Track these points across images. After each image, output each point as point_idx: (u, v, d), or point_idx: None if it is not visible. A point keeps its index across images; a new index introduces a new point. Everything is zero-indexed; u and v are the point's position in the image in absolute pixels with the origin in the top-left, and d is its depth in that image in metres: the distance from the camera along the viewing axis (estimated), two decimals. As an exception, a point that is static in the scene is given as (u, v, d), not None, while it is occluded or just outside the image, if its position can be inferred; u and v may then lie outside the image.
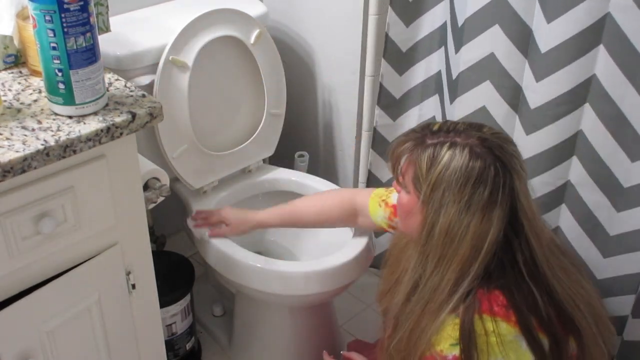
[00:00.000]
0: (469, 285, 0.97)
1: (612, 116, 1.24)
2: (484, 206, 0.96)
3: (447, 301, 0.98)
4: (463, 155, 0.97)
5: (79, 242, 1.10)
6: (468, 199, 0.95)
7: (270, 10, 1.75)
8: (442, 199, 0.97)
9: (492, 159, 0.97)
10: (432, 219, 0.99)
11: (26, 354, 1.08)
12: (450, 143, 0.98)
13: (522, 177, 0.99)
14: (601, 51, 1.20)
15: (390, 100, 1.66)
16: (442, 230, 0.97)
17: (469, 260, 0.97)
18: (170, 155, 1.53)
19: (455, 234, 0.96)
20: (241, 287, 1.51)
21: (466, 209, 0.96)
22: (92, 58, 1.03)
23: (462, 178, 0.96)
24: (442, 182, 0.97)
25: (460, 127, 1.01)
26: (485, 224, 0.96)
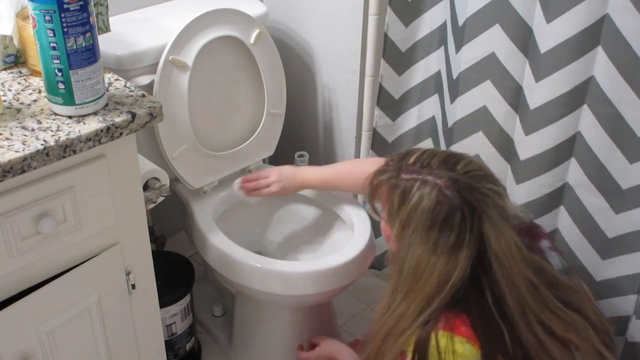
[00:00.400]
0: (430, 315, 1.00)
1: (610, 118, 1.24)
2: (450, 249, 0.98)
3: (410, 327, 1.02)
4: (431, 198, 0.99)
5: (79, 242, 1.10)
6: (434, 241, 0.98)
7: (270, 10, 1.75)
8: (410, 239, 1.00)
9: (460, 202, 0.98)
10: (402, 254, 1.02)
11: (26, 354, 1.08)
12: (421, 182, 1.00)
13: (493, 218, 0.99)
14: (599, 52, 1.20)
15: (389, 100, 1.66)
16: (410, 267, 1.01)
17: (434, 295, 1.00)
18: (170, 155, 1.53)
19: (422, 273, 0.99)
20: (241, 287, 1.51)
21: (433, 251, 0.99)
22: (92, 58, 1.03)
23: (428, 221, 0.99)
24: (411, 223, 1.00)
25: (434, 163, 1.02)
26: (451, 265, 0.98)
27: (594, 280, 1.39)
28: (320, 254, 1.62)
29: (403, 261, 1.02)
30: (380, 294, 1.22)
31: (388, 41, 1.58)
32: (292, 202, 1.77)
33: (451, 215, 0.98)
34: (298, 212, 1.78)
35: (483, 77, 1.40)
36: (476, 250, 0.98)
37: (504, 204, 1.02)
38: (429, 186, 0.99)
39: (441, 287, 0.99)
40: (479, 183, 1.01)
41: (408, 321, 1.02)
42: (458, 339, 0.98)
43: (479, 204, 0.99)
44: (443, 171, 1.01)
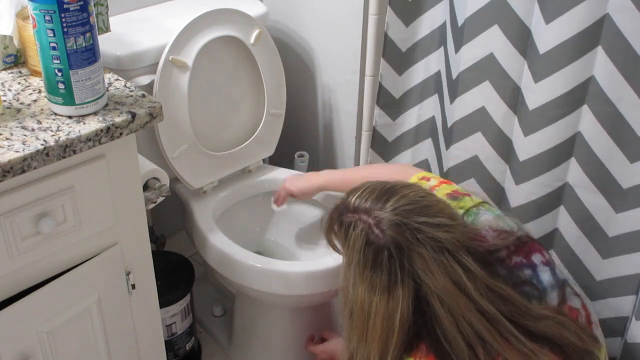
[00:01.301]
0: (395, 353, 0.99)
1: (610, 117, 1.24)
2: (385, 289, 0.98)
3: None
4: (361, 240, 1.00)
5: (79, 242, 1.10)
6: (370, 281, 0.99)
7: (270, 10, 1.75)
8: (353, 277, 1.01)
9: (386, 241, 0.98)
10: (349, 294, 1.03)
11: (26, 354, 1.08)
12: (355, 222, 1.02)
13: (423, 254, 0.97)
14: (599, 52, 1.20)
15: (389, 100, 1.66)
16: (357, 308, 1.01)
17: (386, 336, 0.99)
18: (170, 155, 1.53)
19: (368, 314, 1.00)
20: (241, 287, 1.51)
21: (371, 290, 0.99)
22: (92, 58, 1.03)
23: (361, 262, 0.99)
24: (351, 262, 1.01)
25: (369, 201, 1.02)
26: (392, 304, 0.98)
27: (595, 280, 1.39)
28: (320, 254, 1.62)
29: (351, 302, 1.03)
30: None
31: (388, 41, 1.58)
32: (292, 202, 1.77)
33: (379, 254, 0.98)
34: (298, 212, 1.78)
35: (482, 77, 1.40)
36: (413, 289, 0.97)
37: (447, 234, 0.98)
38: (360, 226, 1.00)
39: (389, 328, 0.98)
40: (408, 219, 0.99)
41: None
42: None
43: (406, 241, 0.97)
44: (375, 209, 1.01)
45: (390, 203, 1.01)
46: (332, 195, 1.68)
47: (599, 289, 1.39)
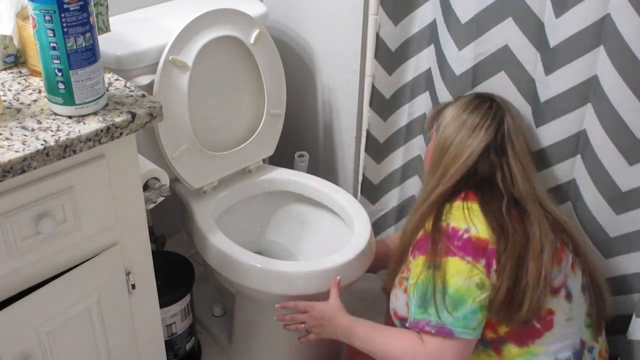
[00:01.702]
0: (446, 184, 1.24)
1: (611, 118, 1.24)
2: (473, 126, 1.24)
3: (428, 197, 1.26)
4: (470, 96, 1.31)
5: (79, 242, 1.10)
6: (463, 120, 1.25)
7: (270, 10, 1.75)
8: (446, 123, 1.28)
9: (489, 98, 1.29)
10: (437, 139, 1.29)
11: (26, 354, 1.08)
12: (465, 95, 1.34)
13: (515, 118, 1.28)
14: (601, 52, 1.20)
15: (381, 100, 1.66)
16: (440, 143, 1.27)
17: (451, 165, 1.24)
18: (170, 155, 1.53)
19: (448, 145, 1.25)
20: (241, 287, 1.51)
21: (460, 127, 1.25)
22: (92, 58, 1.03)
23: (463, 107, 1.27)
24: (449, 113, 1.29)
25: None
26: (470, 140, 1.23)
27: None
28: (320, 254, 1.62)
29: (436, 146, 1.28)
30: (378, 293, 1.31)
31: (379, 41, 1.58)
32: (292, 202, 1.78)
33: (482, 103, 1.27)
34: (298, 212, 1.78)
35: (497, 69, 1.40)
36: (494, 135, 1.24)
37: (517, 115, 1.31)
38: (470, 94, 1.34)
39: (457, 158, 1.24)
40: (504, 99, 1.33)
41: (427, 191, 1.27)
42: (471, 202, 1.20)
43: (505, 105, 1.29)
44: None
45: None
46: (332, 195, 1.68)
47: None
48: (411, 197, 1.79)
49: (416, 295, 1.18)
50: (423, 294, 1.16)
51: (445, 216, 1.20)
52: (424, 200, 1.27)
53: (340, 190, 1.69)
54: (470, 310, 1.13)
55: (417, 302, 1.17)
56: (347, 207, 1.63)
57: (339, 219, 1.67)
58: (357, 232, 1.54)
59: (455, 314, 1.13)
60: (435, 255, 1.16)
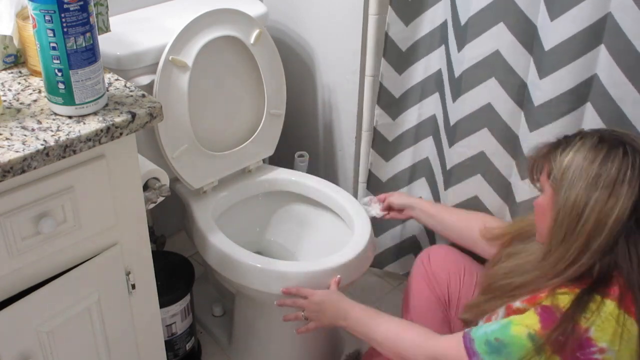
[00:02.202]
0: (589, 259, 1.00)
1: (613, 116, 1.24)
2: (611, 183, 0.99)
3: (563, 273, 1.03)
4: (593, 140, 1.03)
5: (79, 242, 1.10)
6: (595, 175, 1.00)
7: (270, 10, 1.75)
8: (571, 178, 1.02)
9: (621, 142, 1.02)
10: (561, 198, 1.03)
11: (26, 354, 1.08)
12: (581, 136, 1.06)
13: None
14: (602, 50, 1.21)
15: (390, 99, 1.67)
16: (569, 205, 1.02)
17: (593, 236, 1.00)
18: (170, 155, 1.53)
19: (582, 210, 1.00)
20: (241, 287, 1.51)
21: (594, 185, 1.00)
22: (92, 58, 1.03)
23: (590, 156, 1.01)
24: (572, 164, 1.03)
25: (595, 129, 1.10)
26: (612, 200, 0.98)
27: None
28: (320, 254, 1.62)
29: (561, 205, 1.03)
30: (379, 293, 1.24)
31: (389, 40, 1.58)
32: (292, 202, 1.78)
33: (613, 150, 1.01)
34: (298, 212, 1.78)
35: (487, 74, 1.40)
36: (639, 191, 0.99)
37: None
38: (589, 135, 1.05)
39: (600, 227, 0.99)
40: (633, 136, 1.05)
41: (565, 264, 1.03)
42: (630, 319, 0.96)
43: (638, 145, 1.02)
44: (599, 130, 1.09)
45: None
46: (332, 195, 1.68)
47: None
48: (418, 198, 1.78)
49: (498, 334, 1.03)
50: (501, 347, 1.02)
51: (592, 315, 0.97)
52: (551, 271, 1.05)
53: (340, 190, 1.69)
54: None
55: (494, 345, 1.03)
56: (347, 207, 1.63)
57: (339, 219, 1.67)
58: (357, 232, 1.54)
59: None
60: (553, 345, 0.98)
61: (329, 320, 1.37)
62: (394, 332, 1.21)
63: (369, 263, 1.54)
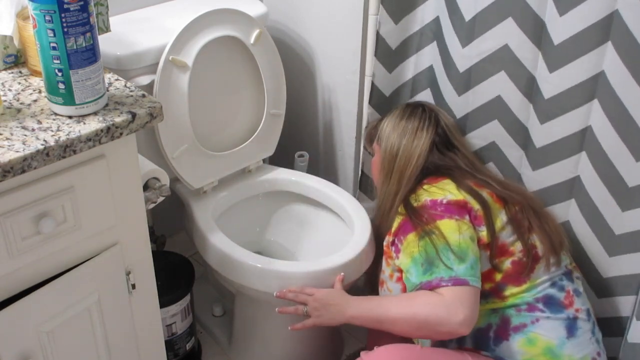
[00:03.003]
0: (406, 187, 1.37)
1: (618, 114, 1.24)
2: (414, 131, 1.40)
3: (394, 203, 1.39)
4: (400, 108, 1.48)
5: (79, 242, 1.10)
6: (403, 127, 1.42)
7: (270, 10, 1.75)
8: (388, 133, 1.44)
9: (419, 105, 1.47)
10: (382, 148, 1.43)
11: (26, 354, 1.08)
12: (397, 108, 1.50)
13: (447, 117, 1.46)
14: (609, 47, 1.21)
15: (381, 99, 1.66)
16: (388, 151, 1.42)
17: (405, 167, 1.38)
18: (170, 155, 1.53)
19: (397, 151, 1.40)
20: (241, 287, 1.51)
21: (403, 133, 1.41)
22: (92, 58, 1.03)
23: (400, 116, 1.44)
24: (388, 125, 1.45)
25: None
26: (416, 141, 1.39)
27: (601, 277, 1.39)
28: (320, 254, 1.62)
29: (383, 156, 1.42)
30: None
31: (379, 39, 1.58)
32: (292, 202, 1.78)
33: (415, 109, 1.44)
34: (298, 212, 1.78)
35: (497, 68, 1.41)
36: (435, 134, 1.40)
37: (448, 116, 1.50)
38: (400, 105, 1.51)
39: (409, 160, 1.38)
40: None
41: (392, 195, 1.39)
42: (436, 183, 1.34)
43: (434, 107, 1.48)
44: None
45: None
46: (332, 195, 1.68)
47: (604, 287, 1.39)
48: None
49: (416, 266, 1.25)
50: (425, 260, 1.24)
51: (416, 199, 1.33)
52: (390, 206, 1.40)
53: (340, 190, 1.69)
54: (473, 260, 1.23)
55: (421, 270, 1.24)
56: (347, 207, 1.63)
57: (339, 219, 1.67)
58: (357, 232, 1.54)
59: (464, 265, 1.21)
60: (425, 225, 1.27)
61: (331, 317, 1.37)
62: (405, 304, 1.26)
63: (369, 263, 1.53)
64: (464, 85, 1.48)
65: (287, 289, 1.43)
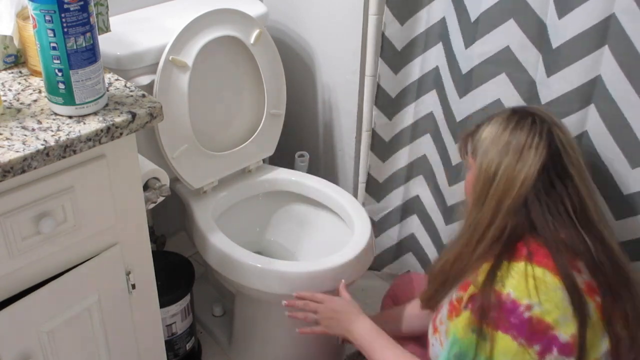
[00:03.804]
0: (502, 221, 1.06)
1: (614, 118, 1.23)
2: (520, 149, 1.06)
3: (483, 237, 1.08)
4: (505, 113, 1.13)
5: (79, 242, 1.10)
6: (506, 141, 1.08)
7: (270, 10, 1.75)
8: (486, 147, 1.10)
9: (529, 113, 1.11)
10: (478, 164, 1.11)
11: (26, 354, 1.08)
12: (498, 113, 1.15)
13: (564, 130, 1.10)
14: (606, 51, 1.20)
15: (386, 99, 1.67)
16: (484, 169, 1.09)
17: (504, 196, 1.06)
18: (170, 155, 1.53)
19: (495, 172, 1.08)
20: (241, 287, 1.51)
21: (505, 150, 1.07)
22: (92, 58, 1.03)
23: (503, 126, 1.10)
24: (487, 135, 1.11)
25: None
26: (520, 164, 1.06)
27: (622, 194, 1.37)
28: (320, 254, 1.62)
29: (477, 174, 1.11)
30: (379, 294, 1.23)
31: (385, 40, 1.58)
32: (292, 202, 1.78)
33: (522, 119, 1.09)
34: (298, 212, 1.78)
35: (498, 70, 1.40)
36: (547, 155, 1.06)
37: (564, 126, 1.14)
38: (503, 110, 1.15)
39: (510, 186, 1.06)
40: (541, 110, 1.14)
41: (482, 228, 1.08)
42: (538, 268, 1.01)
43: (547, 117, 1.11)
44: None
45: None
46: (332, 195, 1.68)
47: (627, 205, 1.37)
48: (415, 196, 1.78)
49: (453, 349, 1.05)
50: (459, 354, 1.04)
51: (502, 279, 1.02)
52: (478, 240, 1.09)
53: (340, 190, 1.69)
54: None
55: (450, 358, 1.06)
56: (347, 207, 1.63)
57: (339, 219, 1.67)
58: (357, 232, 1.54)
59: None
60: (484, 323, 1.01)
61: (338, 331, 1.34)
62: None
63: (369, 263, 1.54)
64: (465, 87, 1.47)
65: (297, 294, 1.39)
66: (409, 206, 1.81)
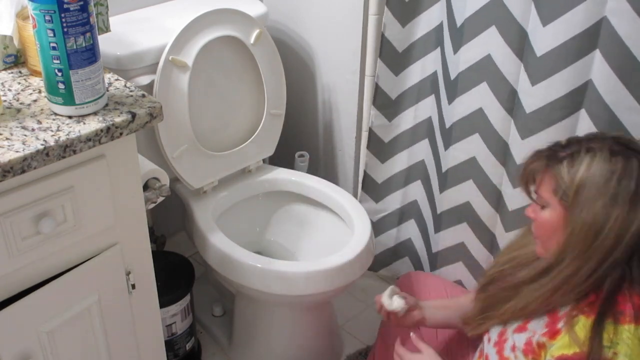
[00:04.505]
0: (603, 273, 0.98)
1: (608, 122, 1.23)
2: (630, 198, 0.96)
3: (578, 287, 1.00)
4: (603, 155, 0.98)
5: (79, 242, 1.10)
6: (614, 192, 0.96)
7: (270, 10, 1.75)
8: (587, 198, 0.97)
9: (632, 152, 0.98)
10: (578, 217, 0.99)
11: (26, 354, 1.08)
12: (587, 148, 0.99)
13: None
14: (597, 56, 1.20)
15: (386, 100, 1.66)
16: (587, 223, 0.98)
17: (612, 251, 0.97)
18: (170, 155, 1.53)
19: (601, 227, 0.97)
20: (241, 287, 1.51)
21: (613, 202, 0.96)
22: (92, 58, 1.03)
23: (606, 174, 0.96)
24: (586, 182, 0.97)
25: (589, 136, 1.04)
26: (632, 215, 0.96)
27: None
28: (320, 254, 1.62)
29: (575, 224, 0.99)
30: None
31: (385, 41, 1.58)
32: (292, 202, 1.78)
33: (628, 164, 0.96)
34: (298, 212, 1.78)
35: (480, 78, 1.40)
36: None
37: None
38: (597, 149, 0.98)
39: (618, 241, 0.96)
40: (635, 141, 1.01)
41: (577, 281, 0.99)
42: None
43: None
44: (601, 137, 1.02)
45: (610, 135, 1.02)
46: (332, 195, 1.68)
47: None
48: (413, 201, 1.78)
49: None
50: None
51: (613, 345, 0.94)
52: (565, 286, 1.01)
53: (340, 190, 1.69)
54: None
55: None
56: (347, 207, 1.63)
57: (339, 219, 1.67)
58: (357, 232, 1.54)
59: None
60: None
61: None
62: None
63: (369, 263, 1.54)
64: (453, 94, 1.46)
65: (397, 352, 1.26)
66: (407, 210, 1.81)
